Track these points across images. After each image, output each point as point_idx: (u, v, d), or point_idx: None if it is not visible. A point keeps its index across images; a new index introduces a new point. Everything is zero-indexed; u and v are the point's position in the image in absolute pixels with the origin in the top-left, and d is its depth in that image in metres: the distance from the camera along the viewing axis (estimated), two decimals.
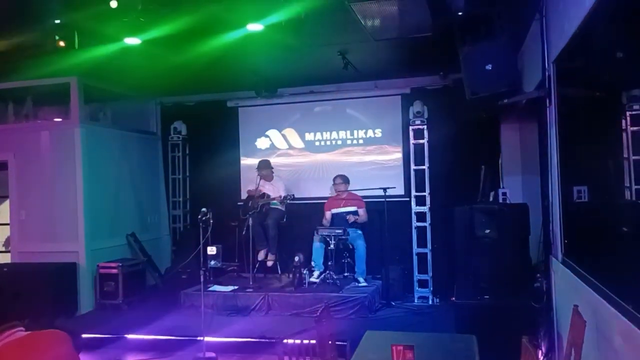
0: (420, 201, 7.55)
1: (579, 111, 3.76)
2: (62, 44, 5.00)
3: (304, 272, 6.87)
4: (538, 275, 4.97)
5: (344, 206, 7.42)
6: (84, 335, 5.87)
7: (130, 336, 5.95)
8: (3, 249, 8.28)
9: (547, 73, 4.17)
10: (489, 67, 4.52)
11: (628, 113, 3.09)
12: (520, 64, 5.29)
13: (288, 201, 7.15)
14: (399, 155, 7.97)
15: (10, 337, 1.87)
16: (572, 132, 3.83)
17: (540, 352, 4.37)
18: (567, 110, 3.88)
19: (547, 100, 4.19)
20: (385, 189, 7.17)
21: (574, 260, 3.58)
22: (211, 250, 5.89)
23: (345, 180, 7.46)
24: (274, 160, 8.15)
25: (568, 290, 3.77)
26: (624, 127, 3.03)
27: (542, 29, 4.25)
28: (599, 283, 2.87)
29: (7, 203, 7.71)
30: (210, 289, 6.78)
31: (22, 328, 1.93)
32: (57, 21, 4.87)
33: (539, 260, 5.34)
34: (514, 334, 3.43)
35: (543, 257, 4.76)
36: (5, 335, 1.87)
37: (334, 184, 7.52)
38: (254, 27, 5.11)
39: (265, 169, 7.67)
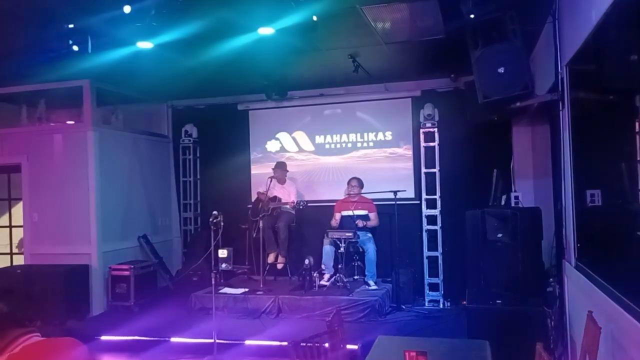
0: (431, 204, 7.51)
1: (592, 114, 3.74)
2: (75, 48, 5.04)
3: (314, 275, 6.87)
4: (551, 279, 4.93)
5: (354, 209, 7.41)
6: (95, 338, 5.95)
7: (141, 338, 5.98)
8: (16, 250, 8.35)
9: (559, 76, 4.14)
10: (501, 70, 4.50)
11: None
12: (533, 66, 5.25)
13: (300, 207, 7.12)
14: (410, 158, 7.95)
15: (26, 342, 1.88)
16: (585, 135, 3.80)
17: (553, 359, 4.33)
18: (580, 114, 3.85)
19: (560, 104, 4.16)
20: (395, 192, 7.15)
21: (588, 265, 3.55)
22: (222, 253, 5.91)
23: (360, 183, 7.44)
24: None
25: (581, 295, 3.73)
26: (637, 130, 3.00)
27: (555, 31, 4.23)
28: (614, 289, 2.84)
29: (20, 205, 7.79)
30: (220, 291, 6.80)
31: (38, 333, 1.94)
32: (71, 25, 4.91)
33: (551, 264, 5.30)
34: (526, 340, 3.41)
35: (556, 261, 4.72)
36: (22, 340, 1.88)
37: (349, 186, 7.49)
38: (265, 30, 5.13)
39: (280, 170, 7.69)
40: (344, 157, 8.27)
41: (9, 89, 7.44)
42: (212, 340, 5.31)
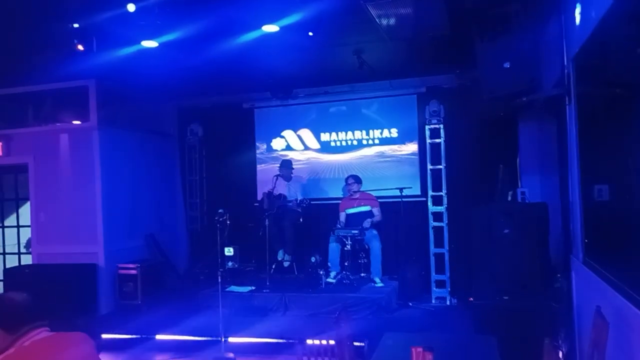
0: (437, 201, 7.49)
1: (599, 109, 3.71)
2: (80, 47, 5.06)
3: (321, 272, 6.87)
4: (558, 275, 4.91)
5: (357, 206, 7.41)
6: (104, 336, 5.98)
7: (149, 337, 6.00)
8: (24, 250, 8.40)
9: (566, 70, 4.12)
10: (506, 65, 4.48)
11: None
12: (539, 61, 5.21)
13: (304, 205, 7.14)
14: (415, 155, 7.93)
15: (36, 336, 1.90)
16: (592, 130, 3.77)
17: (561, 354, 4.32)
18: (587, 108, 3.82)
19: (567, 98, 4.13)
20: (401, 189, 7.14)
21: (596, 260, 3.53)
22: (228, 251, 5.92)
23: (358, 180, 7.44)
24: None
25: (589, 290, 3.71)
26: None
27: (561, 25, 4.20)
28: (622, 284, 2.83)
29: (27, 205, 7.83)
30: (227, 289, 6.81)
31: (47, 328, 1.96)
32: (76, 25, 4.93)
33: (559, 260, 5.28)
34: (533, 335, 3.39)
35: (563, 256, 4.70)
36: (32, 334, 1.90)
37: (347, 184, 7.50)
38: (270, 28, 5.12)
39: (286, 169, 7.72)
40: (350, 154, 8.26)
41: (15, 89, 7.48)
42: (219, 338, 5.32)
